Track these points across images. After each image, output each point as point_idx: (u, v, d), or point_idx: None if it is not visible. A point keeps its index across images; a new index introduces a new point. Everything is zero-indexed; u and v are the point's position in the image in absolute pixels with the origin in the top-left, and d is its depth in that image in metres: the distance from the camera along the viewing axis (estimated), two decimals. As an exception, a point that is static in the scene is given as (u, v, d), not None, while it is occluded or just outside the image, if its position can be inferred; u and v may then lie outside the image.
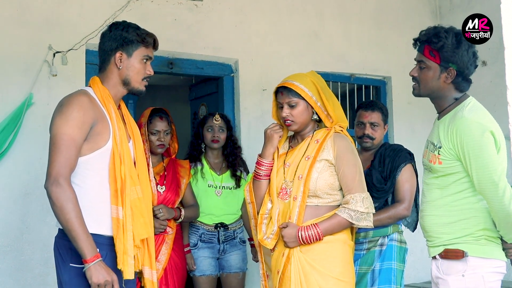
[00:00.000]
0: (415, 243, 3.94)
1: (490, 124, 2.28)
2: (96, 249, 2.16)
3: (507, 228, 2.26)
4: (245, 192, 2.77)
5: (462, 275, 2.28)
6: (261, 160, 2.70)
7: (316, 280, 2.49)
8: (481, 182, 2.23)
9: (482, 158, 2.22)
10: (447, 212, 2.36)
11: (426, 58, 2.39)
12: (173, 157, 3.58)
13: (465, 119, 2.27)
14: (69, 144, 2.19)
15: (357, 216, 2.52)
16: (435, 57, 2.35)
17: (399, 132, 5.14)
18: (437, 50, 2.34)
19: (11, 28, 3.67)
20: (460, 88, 2.40)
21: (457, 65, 2.34)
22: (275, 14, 4.68)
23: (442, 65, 2.35)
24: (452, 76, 2.35)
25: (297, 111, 2.62)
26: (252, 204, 2.73)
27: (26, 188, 3.62)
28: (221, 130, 3.71)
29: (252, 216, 2.75)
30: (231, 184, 3.71)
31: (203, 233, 3.60)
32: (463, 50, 2.34)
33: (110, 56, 2.37)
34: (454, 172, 2.32)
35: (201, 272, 3.56)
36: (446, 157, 2.32)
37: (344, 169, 2.57)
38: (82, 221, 2.16)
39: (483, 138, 2.23)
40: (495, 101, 4.08)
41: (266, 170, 2.68)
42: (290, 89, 2.61)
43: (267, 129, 2.72)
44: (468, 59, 2.35)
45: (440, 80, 2.37)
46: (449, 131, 2.30)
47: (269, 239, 2.60)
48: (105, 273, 2.14)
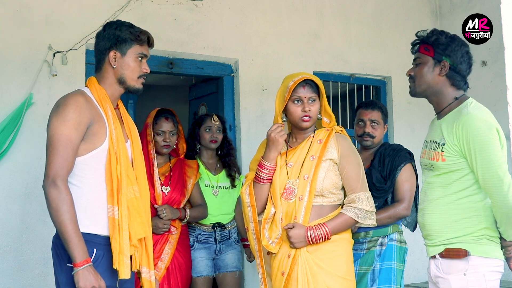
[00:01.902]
0: (415, 243, 3.94)
1: (495, 122, 2.31)
2: (87, 254, 2.15)
3: (508, 225, 2.28)
4: (244, 195, 2.70)
5: (463, 274, 2.30)
6: (264, 163, 2.64)
7: (323, 280, 2.49)
8: (486, 178, 2.25)
9: (488, 154, 2.24)
10: (450, 210, 2.37)
11: (421, 54, 2.46)
12: (181, 157, 3.59)
13: (472, 115, 2.30)
14: (66, 145, 2.19)
15: (363, 214, 2.55)
16: (429, 51, 2.43)
17: (399, 132, 5.14)
18: (431, 45, 2.42)
19: (11, 28, 3.67)
20: (455, 83, 2.42)
21: (450, 58, 2.40)
22: (275, 14, 4.68)
23: (436, 58, 2.42)
24: (446, 68, 2.40)
25: (315, 107, 2.63)
26: (253, 207, 2.67)
27: (26, 188, 3.62)
28: (218, 131, 3.75)
29: (251, 220, 2.67)
30: (227, 184, 3.74)
31: (200, 233, 3.60)
32: (456, 45, 2.41)
33: (105, 55, 2.38)
34: (458, 169, 2.34)
35: (198, 273, 3.56)
36: (450, 154, 2.34)
37: (348, 169, 2.59)
38: (76, 224, 2.15)
39: (489, 134, 2.26)
40: (495, 101, 4.09)
41: (268, 173, 2.63)
42: (313, 84, 2.61)
43: (270, 133, 2.62)
44: (461, 54, 2.41)
45: (434, 73, 2.42)
46: (454, 127, 2.32)
47: (273, 244, 2.58)
48: (93, 278, 2.13)
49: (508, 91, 4.40)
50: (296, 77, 2.62)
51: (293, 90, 2.61)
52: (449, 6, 5.31)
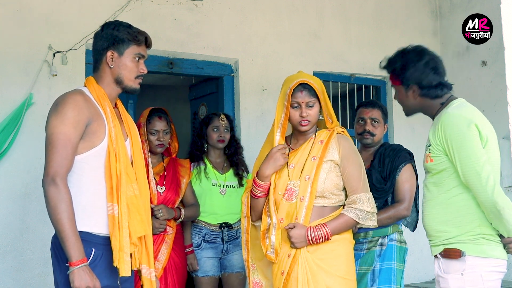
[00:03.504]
0: (415, 243, 3.95)
1: (475, 118, 2.34)
2: (83, 253, 2.15)
3: (497, 219, 2.28)
4: (242, 205, 2.75)
5: (461, 274, 2.31)
6: (259, 182, 2.64)
7: (323, 280, 2.50)
8: (465, 174, 2.29)
9: (466, 149, 2.28)
10: (443, 209, 2.39)
11: (393, 85, 2.59)
12: (173, 156, 3.59)
13: (449, 114, 2.36)
14: (65, 144, 2.19)
15: (364, 215, 2.56)
16: (396, 81, 2.55)
17: (399, 132, 5.14)
18: (395, 76, 2.53)
19: (11, 28, 3.67)
20: (433, 96, 2.48)
21: (413, 80, 2.47)
22: (275, 14, 4.68)
23: (404, 84, 2.51)
24: (416, 91, 2.49)
25: (314, 111, 2.63)
26: (248, 218, 2.73)
27: (26, 188, 3.62)
28: (226, 130, 3.73)
29: (245, 231, 2.74)
30: (235, 183, 3.73)
31: (207, 233, 3.59)
32: (411, 66, 2.47)
33: (102, 55, 2.37)
34: (444, 168, 2.38)
35: (204, 273, 3.56)
36: (435, 154, 2.39)
37: (349, 170, 2.59)
38: (73, 224, 2.15)
39: (467, 130, 2.29)
40: (495, 101, 4.09)
41: (263, 191, 2.65)
42: (310, 88, 2.60)
43: (275, 150, 2.62)
44: (421, 71, 2.46)
45: (410, 97, 2.52)
46: (435, 128, 2.38)
47: (272, 254, 2.59)
48: (88, 278, 2.12)
49: (508, 91, 4.40)
50: (293, 82, 2.62)
51: (292, 96, 2.62)
52: (449, 6, 5.31)
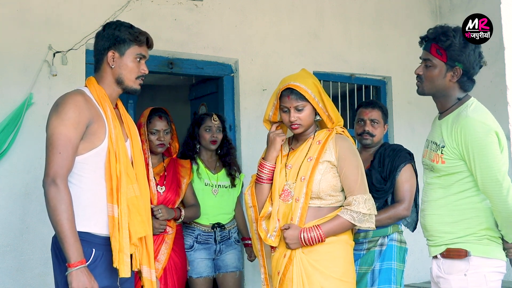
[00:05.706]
0: (415, 243, 3.94)
1: (494, 125, 2.29)
2: (82, 255, 2.15)
3: (509, 228, 2.27)
4: (246, 196, 2.74)
5: (464, 274, 2.29)
6: (264, 162, 2.67)
7: (318, 281, 2.49)
8: (485, 182, 2.24)
9: (487, 158, 2.22)
10: (449, 211, 2.36)
11: (432, 56, 2.38)
12: (174, 156, 3.59)
13: (470, 118, 2.27)
14: (66, 144, 2.19)
15: (360, 217, 2.53)
16: (442, 55, 2.34)
17: (399, 132, 5.14)
18: (444, 49, 2.34)
19: (11, 28, 3.66)
20: (464, 87, 2.40)
21: (463, 64, 2.34)
22: (275, 14, 4.68)
23: (448, 63, 2.35)
24: (458, 75, 2.35)
25: (304, 114, 2.60)
26: (254, 208, 2.70)
27: (26, 188, 3.62)
28: (218, 131, 3.74)
29: (254, 220, 2.71)
30: (227, 183, 3.73)
31: (199, 234, 3.59)
32: (470, 50, 2.34)
33: (103, 55, 2.38)
34: (457, 171, 2.33)
35: (198, 274, 3.55)
36: (449, 157, 2.33)
37: (346, 171, 2.57)
38: (73, 225, 2.15)
39: (487, 138, 2.23)
40: (495, 101, 4.07)
41: (268, 173, 2.66)
42: (297, 92, 2.57)
43: (270, 133, 2.70)
44: (474, 59, 2.35)
45: (445, 79, 2.37)
46: (453, 131, 2.31)
47: (272, 237, 2.59)
48: (86, 280, 2.12)
49: (508, 91, 4.38)
50: (284, 84, 2.62)
51: (280, 99, 2.63)
52: (449, 6, 5.31)
